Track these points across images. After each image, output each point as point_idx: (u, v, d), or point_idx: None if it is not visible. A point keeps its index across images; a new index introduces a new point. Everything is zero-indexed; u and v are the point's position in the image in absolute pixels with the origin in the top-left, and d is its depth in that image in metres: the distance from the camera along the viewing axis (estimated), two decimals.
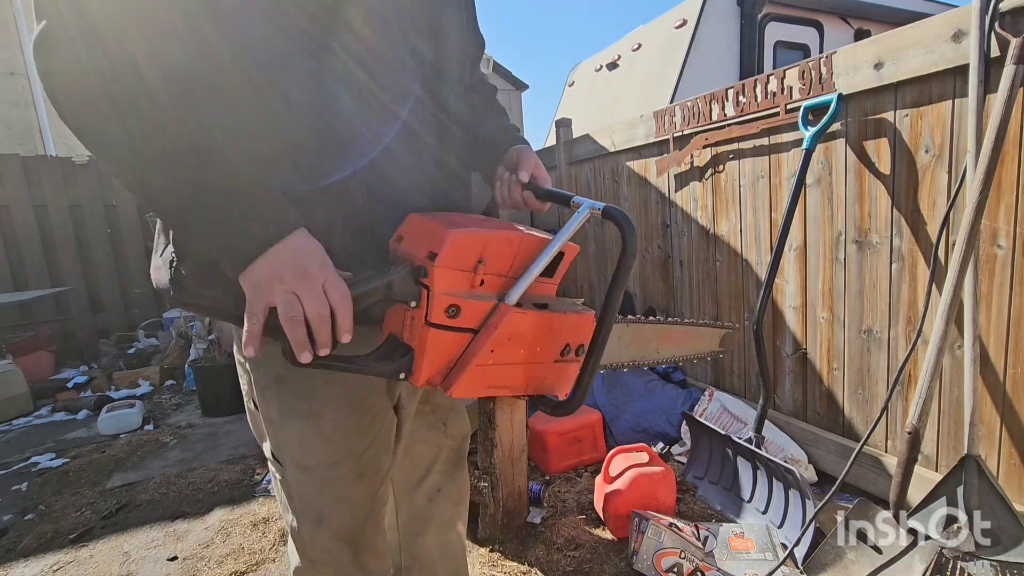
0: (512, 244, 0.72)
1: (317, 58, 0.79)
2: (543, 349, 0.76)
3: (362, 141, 0.84)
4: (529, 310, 0.73)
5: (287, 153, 0.79)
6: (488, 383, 0.73)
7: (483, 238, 0.69)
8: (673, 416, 2.43)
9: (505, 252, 0.72)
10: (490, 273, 0.71)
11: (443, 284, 0.66)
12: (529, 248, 0.73)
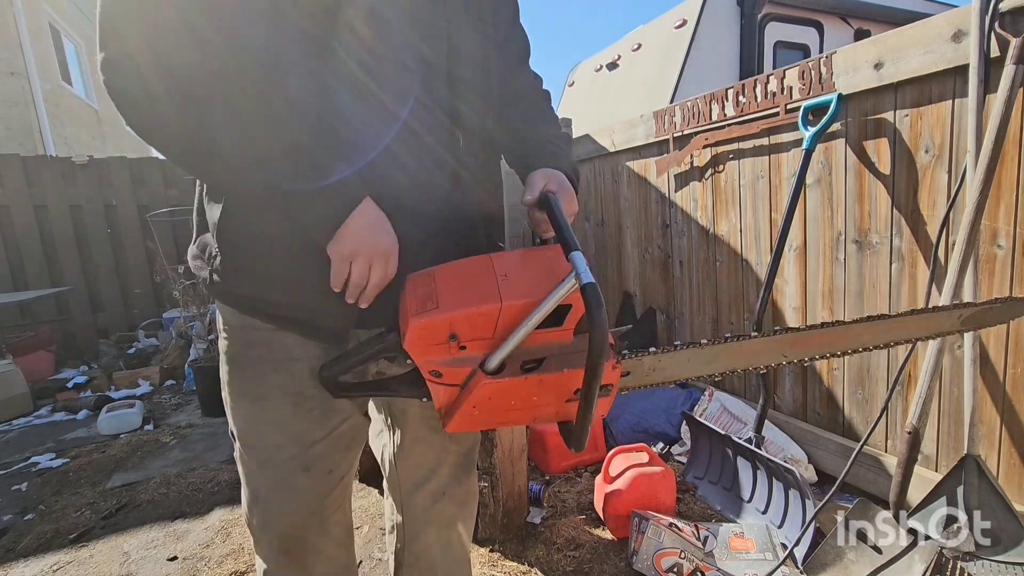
0: (487, 317, 0.73)
1: (317, 58, 0.79)
2: (542, 399, 0.76)
3: (362, 141, 0.85)
4: (509, 377, 0.73)
5: (287, 153, 0.79)
6: (482, 423, 0.79)
7: (448, 320, 0.72)
8: (673, 416, 2.43)
9: (480, 324, 0.73)
10: (471, 339, 0.73)
11: (419, 356, 0.74)
12: (512, 315, 0.72)
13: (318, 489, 0.89)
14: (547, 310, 0.70)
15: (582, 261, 0.68)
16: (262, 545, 0.93)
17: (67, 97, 7.56)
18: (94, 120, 8.67)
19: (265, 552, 0.93)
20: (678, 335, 2.79)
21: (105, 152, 7.07)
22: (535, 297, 0.71)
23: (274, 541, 0.90)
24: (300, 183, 0.77)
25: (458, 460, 1.06)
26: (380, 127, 0.89)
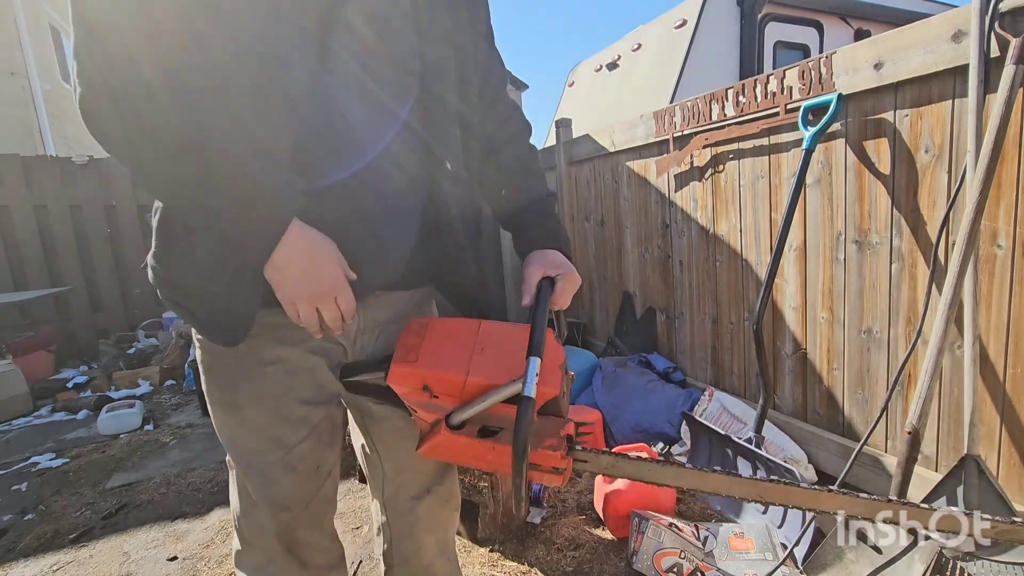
0: (453, 384, 0.82)
1: (317, 58, 0.79)
2: (496, 460, 0.81)
3: (363, 141, 0.85)
4: (464, 436, 0.81)
5: (287, 153, 0.79)
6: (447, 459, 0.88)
7: (421, 376, 0.82)
8: (673, 416, 2.43)
9: (448, 387, 0.82)
10: (442, 393, 0.82)
11: (399, 392, 0.84)
12: (474, 389, 0.81)
13: (308, 486, 0.90)
14: (496, 400, 0.79)
15: (534, 368, 0.76)
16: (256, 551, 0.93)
17: (67, 97, 7.55)
18: None
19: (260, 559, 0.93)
20: (678, 335, 2.79)
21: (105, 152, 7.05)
22: (496, 381, 0.80)
23: (272, 543, 0.91)
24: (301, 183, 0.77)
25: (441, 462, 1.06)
26: (381, 127, 0.89)
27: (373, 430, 1.04)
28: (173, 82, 0.70)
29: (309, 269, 0.72)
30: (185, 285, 0.78)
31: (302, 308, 0.74)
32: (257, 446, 0.87)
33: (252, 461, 0.88)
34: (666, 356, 2.87)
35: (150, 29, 0.69)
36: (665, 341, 2.91)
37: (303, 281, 0.72)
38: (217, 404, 0.89)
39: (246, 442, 0.88)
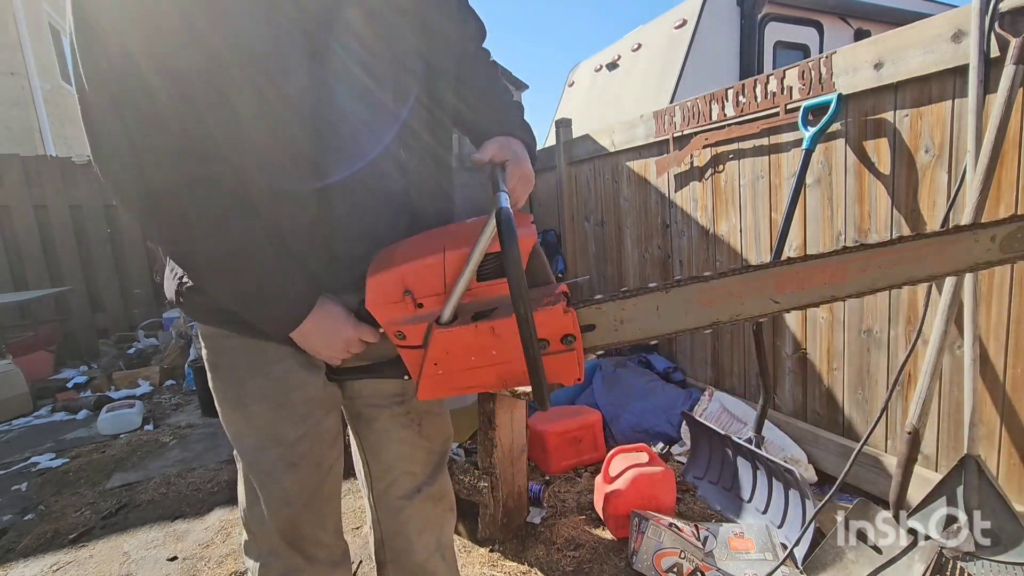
0: (434, 268, 0.77)
1: (317, 58, 0.79)
2: (501, 351, 0.78)
3: (362, 141, 0.85)
4: (459, 326, 0.77)
5: (287, 153, 0.79)
6: (449, 385, 0.82)
7: (399, 273, 0.78)
8: (673, 416, 2.43)
9: (430, 276, 0.77)
10: (425, 296, 0.78)
11: (382, 317, 0.80)
12: (456, 263, 0.76)
13: (309, 483, 0.90)
14: (482, 249, 0.74)
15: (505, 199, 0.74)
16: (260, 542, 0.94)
17: (67, 97, 7.56)
18: None
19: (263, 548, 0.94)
20: (678, 335, 2.78)
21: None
22: (474, 244, 0.75)
23: (274, 536, 0.92)
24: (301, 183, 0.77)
25: (431, 457, 1.06)
26: (381, 127, 0.89)
27: (361, 431, 1.04)
28: (172, 82, 0.70)
29: (325, 337, 0.82)
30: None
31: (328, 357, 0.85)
32: (259, 442, 0.88)
33: (255, 457, 0.89)
34: (666, 356, 2.88)
35: (150, 29, 0.69)
36: (665, 341, 2.91)
37: (322, 345, 0.83)
38: (223, 401, 0.90)
39: (249, 438, 0.89)
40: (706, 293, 0.81)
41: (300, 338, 0.82)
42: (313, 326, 0.81)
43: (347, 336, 0.83)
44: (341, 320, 0.82)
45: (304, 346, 0.83)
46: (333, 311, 0.82)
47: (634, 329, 0.83)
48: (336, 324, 0.82)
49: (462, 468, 1.90)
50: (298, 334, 0.81)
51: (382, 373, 0.88)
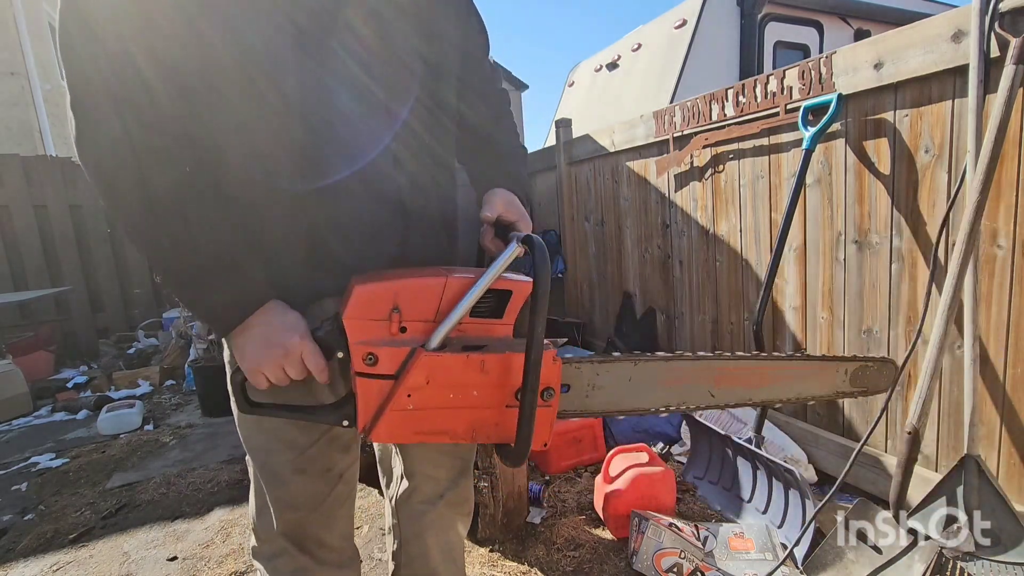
0: (432, 290, 0.72)
1: (317, 58, 0.79)
2: (483, 393, 0.73)
3: (362, 141, 0.85)
4: (449, 352, 0.71)
5: (287, 153, 0.79)
6: (414, 428, 0.74)
7: (393, 288, 0.72)
8: (673, 416, 2.43)
9: (424, 298, 0.72)
10: (412, 320, 0.72)
11: (356, 335, 0.71)
12: (455, 291, 0.72)
13: (317, 488, 0.90)
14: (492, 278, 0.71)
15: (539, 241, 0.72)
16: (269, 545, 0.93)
17: (67, 97, 7.55)
18: None
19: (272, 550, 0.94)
20: (678, 335, 2.79)
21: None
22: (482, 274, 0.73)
23: (280, 539, 0.91)
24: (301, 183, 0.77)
25: (455, 463, 1.06)
26: (381, 127, 0.89)
27: None
28: (172, 83, 0.70)
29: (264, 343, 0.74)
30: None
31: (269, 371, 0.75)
32: (269, 445, 0.87)
33: (264, 460, 0.89)
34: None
35: (150, 29, 0.69)
36: (665, 341, 2.91)
37: (258, 353, 0.74)
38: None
39: (259, 441, 0.88)
40: (668, 372, 0.87)
41: (238, 339, 0.75)
42: (255, 326, 0.74)
43: (289, 347, 0.73)
44: (288, 328, 0.74)
45: (238, 353, 0.76)
46: (284, 317, 0.75)
47: (603, 399, 0.84)
48: (282, 332, 0.74)
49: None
50: (237, 333, 0.75)
51: (313, 414, 0.78)
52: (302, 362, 0.74)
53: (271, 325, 0.74)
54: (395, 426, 0.73)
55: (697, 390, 0.89)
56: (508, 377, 0.73)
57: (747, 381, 0.93)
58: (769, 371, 0.95)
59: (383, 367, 0.71)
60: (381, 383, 0.72)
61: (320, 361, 0.75)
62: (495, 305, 0.76)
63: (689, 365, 0.88)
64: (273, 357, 0.74)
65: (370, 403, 0.72)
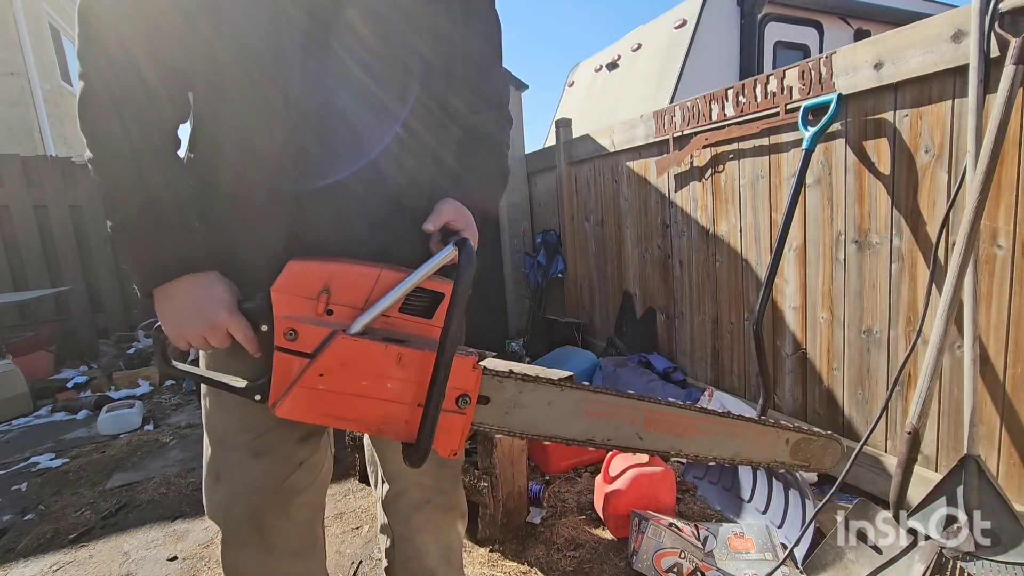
0: (366, 278, 0.73)
1: (317, 58, 0.79)
2: (397, 387, 0.74)
3: (362, 141, 0.85)
4: (368, 340, 0.72)
5: (287, 152, 0.79)
6: (322, 410, 0.74)
7: (327, 269, 0.73)
8: None
9: (357, 285, 0.73)
10: (341, 304, 0.73)
11: (281, 308, 0.72)
12: (387, 283, 0.74)
13: (275, 473, 0.89)
14: (424, 274, 0.73)
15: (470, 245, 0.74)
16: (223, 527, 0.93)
17: (67, 97, 7.55)
18: None
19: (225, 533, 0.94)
20: (678, 335, 2.79)
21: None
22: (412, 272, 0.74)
23: (230, 521, 0.91)
24: (301, 183, 0.76)
25: (442, 471, 1.05)
26: (381, 127, 0.89)
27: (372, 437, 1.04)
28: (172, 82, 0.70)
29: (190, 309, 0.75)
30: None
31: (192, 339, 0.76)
32: (230, 426, 0.87)
33: (224, 441, 0.89)
34: (666, 356, 2.87)
35: (151, 29, 0.69)
36: (665, 341, 2.91)
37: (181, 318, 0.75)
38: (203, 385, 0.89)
39: (221, 421, 0.88)
40: (592, 404, 0.86)
41: (162, 301, 0.75)
42: (182, 291, 0.74)
43: (215, 318, 0.74)
44: (217, 299, 0.75)
45: (161, 315, 0.76)
46: (214, 287, 0.76)
47: (523, 419, 0.83)
48: (210, 302, 0.74)
49: (462, 468, 1.90)
50: (162, 293, 0.75)
51: (227, 387, 0.79)
52: (227, 335, 0.75)
53: (198, 295, 0.74)
54: (301, 403, 0.73)
55: (624, 429, 0.89)
56: (424, 375, 0.74)
57: (677, 430, 0.92)
58: (701, 424, 0.93)
59: (302, 344, 0.72)
60: (297, 360, 0.72)
61: (249, 333, 0.75)
62: (428, 305, 0.77)
63: (616, 401, 0.88)
64: (197, 327, 0.74)
65: (284, 378, 0.73)
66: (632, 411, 0.88)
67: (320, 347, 0.71)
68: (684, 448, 0.93)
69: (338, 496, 2.15)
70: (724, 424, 0.94)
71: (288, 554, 0.95)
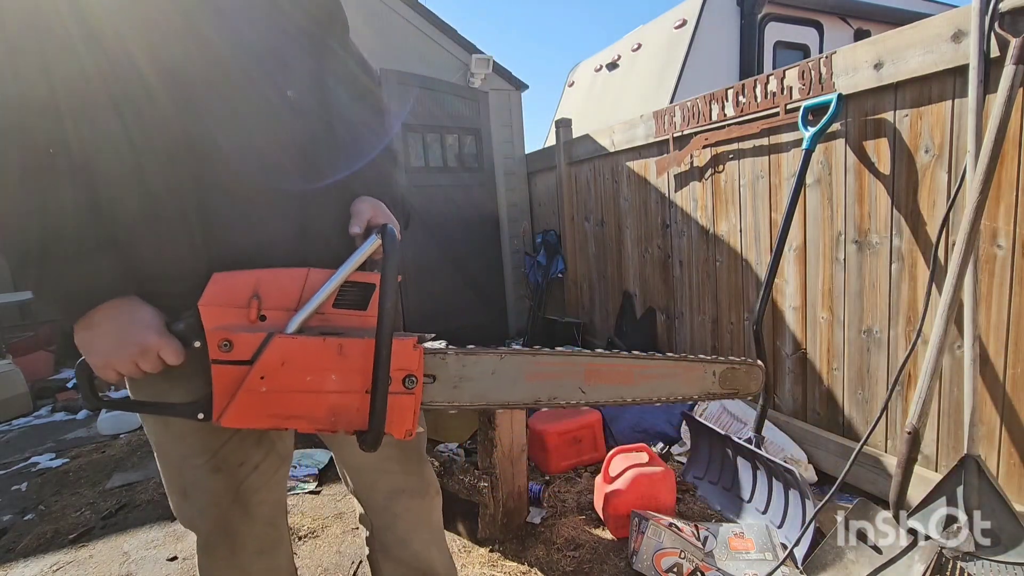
0: (293, 279, 0.74)
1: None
2: (342, 378, 0.74)
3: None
4: (306, 336, 0.73)
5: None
6: (269, 411, 0.74)
7: (254, 275, 0.73)
8: (673, 416, 2.43)
9: (286, 287, 0.74)
10: (272, 308, 0.73)
11: (212, 321, 0.71)
12: (317, 281, 0.74)
13: (231, 482, 0.89)
14: (352, 266, 0.74)
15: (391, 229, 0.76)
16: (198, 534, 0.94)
17: None
18: None
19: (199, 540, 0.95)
20: (678, 335, 2.79)
21: None
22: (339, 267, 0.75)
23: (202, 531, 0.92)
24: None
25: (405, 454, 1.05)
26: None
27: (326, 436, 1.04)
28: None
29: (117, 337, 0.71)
30: None
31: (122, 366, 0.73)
32: (183, 451, 0.86)
33: (181, 465, 0.87)
34: None
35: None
36: (665, 341, 2.91)
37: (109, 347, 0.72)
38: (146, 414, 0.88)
39: (174, 448, 0.87)
40: (532, 367, 0.89)
41: (84, 333, 0.72)
42: (106, 319, 0.71)
43: (144, 342, 0.71)
44: (145, 323, 0.72)
45: (84, 346, 0.73)
46: (139, 311, 0.72)
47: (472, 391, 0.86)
48: (136, 326, 0.71)
49: (462, 468, 1.90)
50: (83, 326, 0.71)
51: (170, 410, 0.77)
52: (158, 358, 0.73)
53: (123, 321, 0.72)
54: (246, 409, 0.72)
55: (567, 386, 0.92)
56: (367, 362, 0.74)
57: (617, 379, 0.95)
58: (638, 369, 0.97)
59: (238, 352, 0.72)
60: (237, 369, 0.72)
61: (180, 355, 0.73)
62: (359, 298, 0.78)
63: (556, 359, 0.91)
64: (126, 354, 0.71)
65: (224, 390, 0.72)
66: (572, 367, 0.92)
67: (258, 352, 0.71)
68: (625, 395, 0.96)
69: (338, 496, 2.15)
70: (658, 366, 1.00)
71: (254, 553, 0.96)
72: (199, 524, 0.91)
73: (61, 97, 0.67)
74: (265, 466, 0.94)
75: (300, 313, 0.73)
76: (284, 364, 0.72)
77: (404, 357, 0.76)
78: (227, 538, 0.92)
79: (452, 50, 3.95)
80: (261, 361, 0.71)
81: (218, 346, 0.71)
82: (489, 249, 4.16)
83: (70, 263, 0.69)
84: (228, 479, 0.89)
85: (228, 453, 0.88)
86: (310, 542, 1.88)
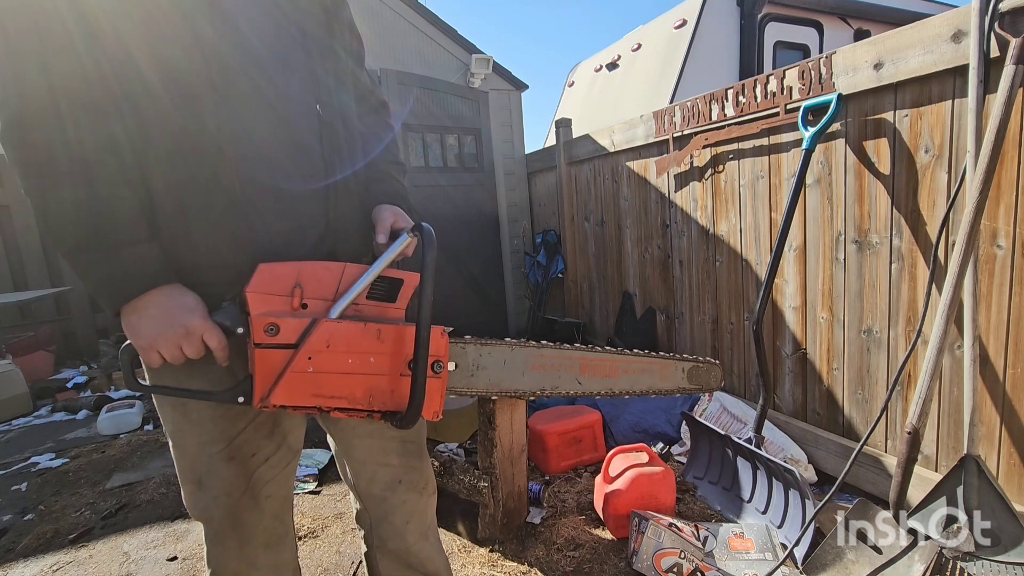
0: (332, 271, 0.80)
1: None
2: (379, 360, 0.80)
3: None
4: (348, 321, 0.78)
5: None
6: (314, 391, 0.78)
7: (296, 267, 0.79)
8: (673, 416, 2.43)
9: (325, 278, 0.80)
10: (313, 297, 0.79)
11: (258, 307, 0.76)
12: (353, 274, 0.81)
13: (244, 471, 0.92)
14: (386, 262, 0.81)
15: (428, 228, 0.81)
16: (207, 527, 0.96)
17: None
18: None
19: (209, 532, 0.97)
20: (678, 335, 2.79)
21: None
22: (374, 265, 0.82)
23: (213, 522, 0.94)
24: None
25: (406, 447, 1.06)
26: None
27: (331, 429, 1.05)
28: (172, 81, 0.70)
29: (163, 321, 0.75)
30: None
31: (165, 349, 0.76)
32: (201, 439, 0.89)
33: (198, 453, 0.90)
34: None
35: (150, 30, 0.69)
36: (665, 341, 2.91)
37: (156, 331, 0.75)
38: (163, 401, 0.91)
39: (192, 436, 0.90)
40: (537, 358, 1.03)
41: (132, 317, 0.75)
42: (152, 305, 0.74)
43: (190, 326, 0.75)
44: (189, 308, 0.76)
45: (131, 330, 0.75)
46: (183, 298, 0.76)
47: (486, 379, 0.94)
48: (181, 311, 0.75)
49: (462, 468, 1.90)
50: (130, 309, 0.75)
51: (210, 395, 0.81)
52: (201, 342, 0.76)
53: (169, 306, 0.75)
54: (294, 388, 0.76)
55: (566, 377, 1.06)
56: (401, 347, 0.81)
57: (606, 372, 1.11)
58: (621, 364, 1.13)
59: (284, 336, 0.76)
60: (280, 353, 0.76)
61: (222, 339, 0.77)
62: (389, 291, 0.84)
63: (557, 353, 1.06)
64: (172, 336, 0.74)
65: (269, 373, 0.76)
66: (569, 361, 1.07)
67: (303, 335, 0.76)
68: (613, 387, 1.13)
69: (338, 496, 2.15)
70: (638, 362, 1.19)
71: (262, 546, 0.98)
72: (213, 513, 0.93)
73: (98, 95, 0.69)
74: (276, 459, 0.96)
75: (342, 301, 0.78)
76: (329, 347, 0.77)
77: (434, 344, 0.82)
78: (237, 529, 0.94)
79: (452, 50, 3.95)
80: (308, 343, 0.75)
81: (264, 330, 0.75)
82: (489, 249, 4.16)
83: (121, 250, 0.73)
84: (241, 468, 0.91)
85: (243, 442, 0.90)
86: (310, 542, 1.88)
